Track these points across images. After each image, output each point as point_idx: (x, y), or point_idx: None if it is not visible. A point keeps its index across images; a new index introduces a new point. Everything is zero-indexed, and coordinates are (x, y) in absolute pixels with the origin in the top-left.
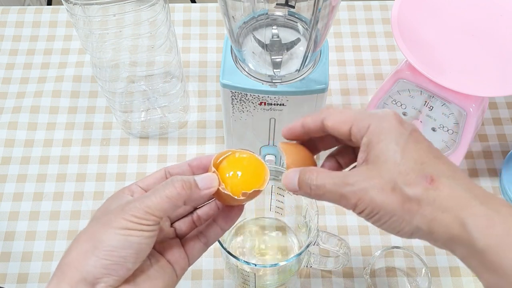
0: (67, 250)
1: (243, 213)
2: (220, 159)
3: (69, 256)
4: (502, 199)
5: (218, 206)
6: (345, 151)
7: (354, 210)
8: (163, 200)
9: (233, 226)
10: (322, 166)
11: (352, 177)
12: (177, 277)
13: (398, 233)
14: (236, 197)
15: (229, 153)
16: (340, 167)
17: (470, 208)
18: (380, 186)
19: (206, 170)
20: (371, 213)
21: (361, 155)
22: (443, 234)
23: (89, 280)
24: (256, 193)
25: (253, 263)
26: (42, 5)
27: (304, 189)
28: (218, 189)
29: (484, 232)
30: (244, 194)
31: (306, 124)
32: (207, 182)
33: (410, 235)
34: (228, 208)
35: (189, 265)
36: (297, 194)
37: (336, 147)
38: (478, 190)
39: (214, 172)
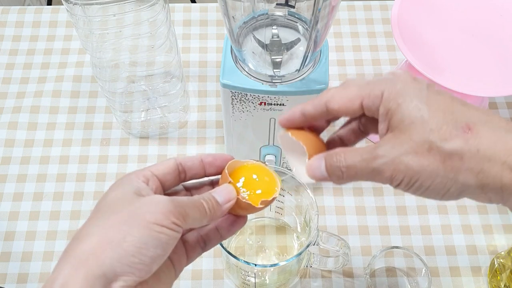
0: (84, 231)
1: None
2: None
3: (89, 241)
4: None
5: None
6: (348, 129)
7: (391, 183)
8: (196, 212)
9: None
10: None
11: (380, 148)
12: (175, 277)
13: (444, 196)
14: (255, 206)
15: (242, 163)
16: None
17: None
18: (413, 149)
19: (218, 170)
20: (410, 182)
21: (382, 126)
22: (493, 185)
23: (109, 277)
24: (272, 201)
25: (253, 263)
26: (42, 5)
27: (335, 174)
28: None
29: None
30: (263, 202)
31: (307, 112)
32: (225, 195)
33: (458, 195)
34: (233, 217)
35: (186, 265)
36: (325, 181)
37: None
38: None
39: (230, 182)
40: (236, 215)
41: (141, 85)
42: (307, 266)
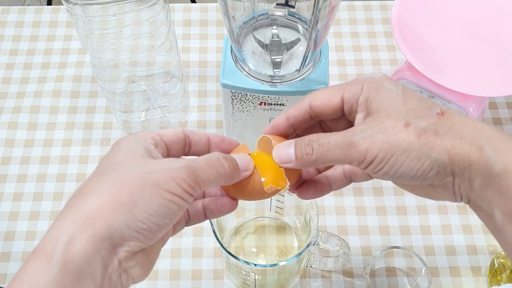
0: (89, 186)
1: (243, 213)
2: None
3: (96, 199)
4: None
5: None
6: None
7: (364, 159)
8: (212, 174)
9: (233, 226)
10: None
11: (358, 127)
12: (162, 246)
13: (417, 173)
14: (263, 187)
15: (255, 152)
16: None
17: (487, 133)
18: (391, 125)
19: (222, 152)
20: (385, 158)
21: (360, 115)
22: (462, 163)
23: (115, 240)
24: (278, 191)
25: (253, 263)
26: (42, 5)
27: (304, 152)
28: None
29: (501, 154)
30: (271, 188)
31: (291, 115)
32: (245, 163)
33: (429, 172)
34: (223, 201)
35: (171, 236)
36: (289, 167)
37: None
38: (488, 124)
39: (250, 154)
40: (232, 196)
41: (141, 85)
42: (307, 266)
